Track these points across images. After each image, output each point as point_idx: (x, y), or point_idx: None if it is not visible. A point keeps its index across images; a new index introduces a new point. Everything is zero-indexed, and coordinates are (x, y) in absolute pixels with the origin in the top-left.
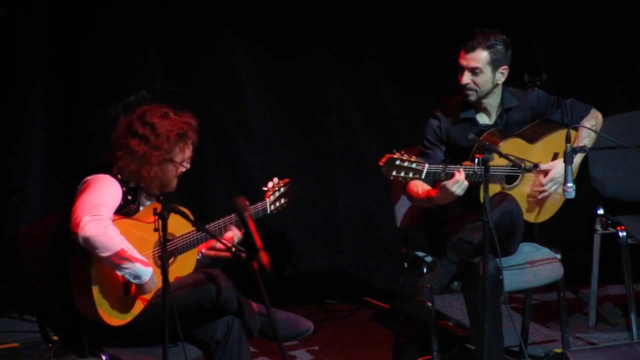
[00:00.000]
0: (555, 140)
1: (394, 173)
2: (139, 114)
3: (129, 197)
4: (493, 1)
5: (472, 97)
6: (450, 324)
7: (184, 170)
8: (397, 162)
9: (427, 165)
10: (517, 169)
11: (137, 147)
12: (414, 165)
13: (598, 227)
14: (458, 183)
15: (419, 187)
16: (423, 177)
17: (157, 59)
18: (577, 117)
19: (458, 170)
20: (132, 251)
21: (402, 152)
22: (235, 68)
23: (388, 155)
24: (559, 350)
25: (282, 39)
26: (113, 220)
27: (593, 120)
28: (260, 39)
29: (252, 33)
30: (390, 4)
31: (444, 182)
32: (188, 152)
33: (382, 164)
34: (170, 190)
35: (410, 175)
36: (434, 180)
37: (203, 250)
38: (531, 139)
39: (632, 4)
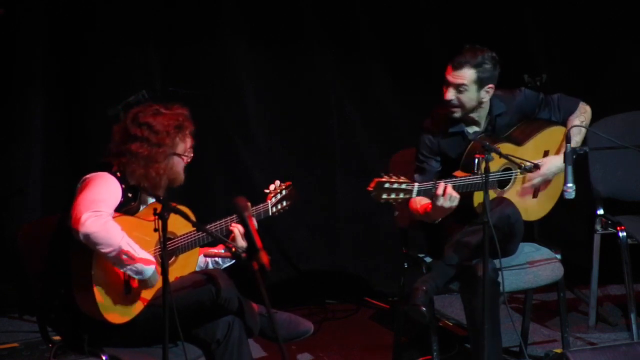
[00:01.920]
0: (544, 138)
1: (384, 196)
2: (130, 117)
3: (129, 195)
4: (493, 1)
5: (457, 114)
6: (450, 324)
7: (188, 160)
8: (386, 185)
9: (416, 184)
10: (509, 172)
11: (140, 150)
12: (403, 186)
13: (598, 227)
14: (444, 197)
15: (418, 203)
16: (414, 195)
17: (157, 59)
18: (565, 113)
19: (443, 186)
20: (133, 247)
21: (391, 175)
22: (235, 68)
23: (376, 180)
24: (559, 350)
25: (282, 39)
26: (114, 218)
27: (582, 116)
28: (260, 39)
29: (252, 33)
30: (390, 4)
31: (432, 199)
32: (189, 142)
33: (371, 189)
34: (179, 184)
35: (401, 195)
36: (429, 195)
37: (204, 253)
38: (519, 141)
39: (632, 4)
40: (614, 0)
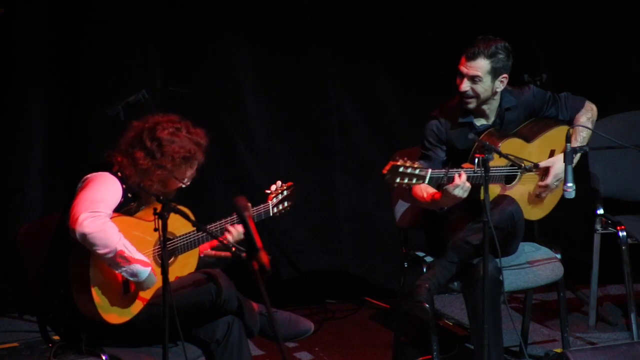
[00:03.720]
0: (551, 137)
1: (397, 180)
2: (150, 124)
3: (130, 195)
4: (493, 1)
5: (471, 105)
6: (450, 323)
7: (183, 186)
8: (401, 169)
9: (430, 170)
10: (516, 169)
11: (141, 161)
12: (417, 172)
13: (598, 227)
14: (459, 186)
15: (423, 190)
16: (427, 182)
17: (157, 59)
18: (572, 111)
19: (459, 174)
20: (129, 249)
21: (405, 159)
22: (235, 68)
23: (392, 163)
24: (559, 350)
25: (282, 39)
26: (113, 218)
27: (588, 113)
28: (260, 39)
29: (252, 33)
30: (390, 4)
31: (446, 187)
32: (190, 172)
33: (386, 172)
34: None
35: (414, 181)
36: (437, 184)
37: (205, 252)
38: (528, 137)
39: (632, 4)
40: (614, 0)
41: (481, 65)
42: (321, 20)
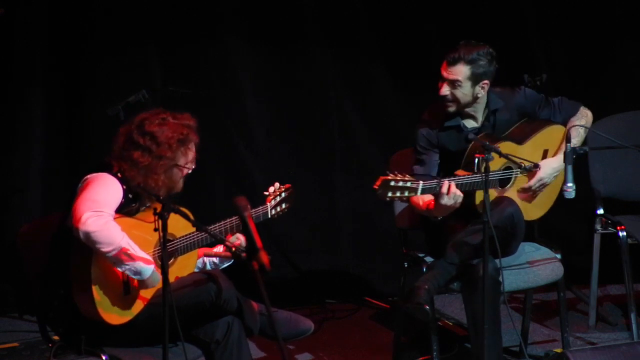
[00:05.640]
0: (544, 137)
1: (389, 194)
2: (137, 123)
3: (130, 196)
4: (493, 1)
5: (451, 109)
6: (450, 323)
7: (189, 171)
8: (392, 183)
9: (421, 182)
10: (510, 171)
11: (140, 159)
12: (408, 184)
13: (598, 227)
14: (449, 196)
15: (421, 199)
16: (419, 193)
17: (158, 59)
18: (565, 115)
19: (448, 186)
20: (133, 247)
21: (396, 173)
22: (235, 68)
23: (382, 178)
24: (559, 350)
25: (282, 38)
26: (114, 218)
27: (583, 119)
28: (260, 39)
29: (252, 33)
30: (390, 4)
31: (436, 198)
32: (191, 154)
33: (376, 187)
34: (177, 191)
35: (406, 194)
36: (432, 193)
37: (205, 253)
38: (519, 139)
39: (632, 4)
40: (614, 0)
41: (461, 71)
42: (321, 20)
